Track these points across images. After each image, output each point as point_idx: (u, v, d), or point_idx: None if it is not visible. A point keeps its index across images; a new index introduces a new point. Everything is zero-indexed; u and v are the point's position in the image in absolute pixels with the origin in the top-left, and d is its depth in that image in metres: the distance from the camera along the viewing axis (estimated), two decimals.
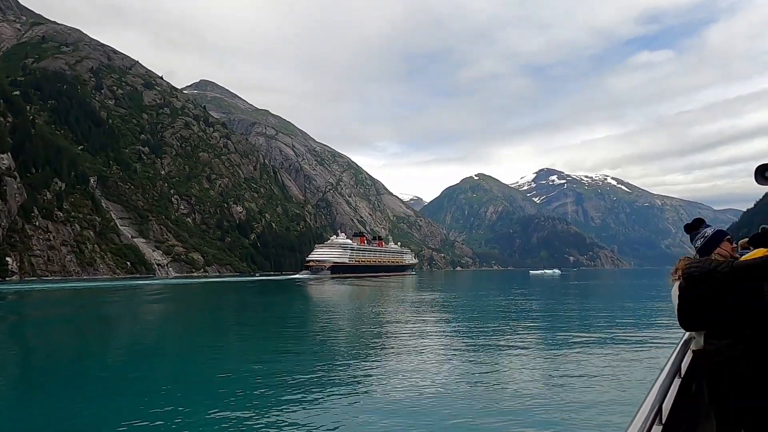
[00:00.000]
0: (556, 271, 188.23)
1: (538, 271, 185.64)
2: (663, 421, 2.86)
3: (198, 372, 18.23)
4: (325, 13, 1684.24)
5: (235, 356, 21.37)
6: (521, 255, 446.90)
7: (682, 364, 3.68)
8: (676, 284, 3.56)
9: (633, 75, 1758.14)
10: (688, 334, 3.91)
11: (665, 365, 3.45)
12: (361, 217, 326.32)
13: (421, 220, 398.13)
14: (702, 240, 3.85)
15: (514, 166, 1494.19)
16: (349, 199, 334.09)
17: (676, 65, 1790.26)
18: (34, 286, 75.89)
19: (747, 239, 4.16)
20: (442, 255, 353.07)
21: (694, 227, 3.99)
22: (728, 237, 3.88)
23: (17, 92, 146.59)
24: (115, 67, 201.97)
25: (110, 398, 14.49)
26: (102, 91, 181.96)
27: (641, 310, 39.99)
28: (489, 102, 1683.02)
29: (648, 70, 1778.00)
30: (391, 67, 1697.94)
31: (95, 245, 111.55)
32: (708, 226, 3.99)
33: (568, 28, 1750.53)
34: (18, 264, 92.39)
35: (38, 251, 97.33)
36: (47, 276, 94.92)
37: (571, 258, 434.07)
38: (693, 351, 3.80)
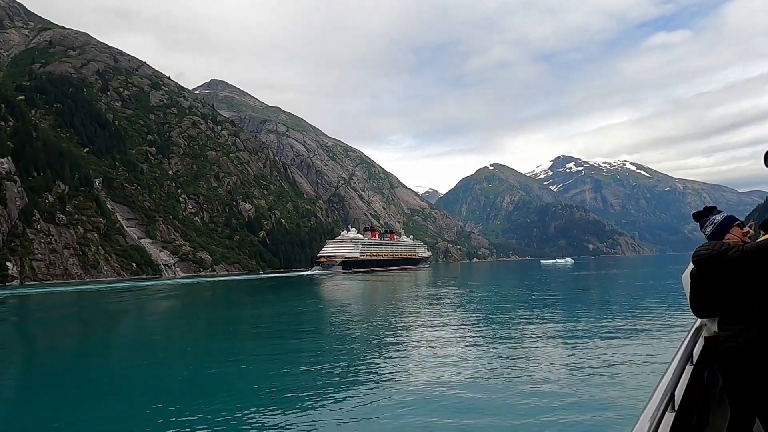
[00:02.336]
0: (569, 260, 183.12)
1: (550, 261, 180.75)
2: (675, 408, 2.85)
3: (211, 373, 17.76)
4: (332, 9, 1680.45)
5: (246, 360, 20.14)
6: (539, 244, 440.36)
7: (694, 351, 3.66)
8: (687, 271, 3.60)
9: (648, 58, 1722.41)
10: (699, 320, 3.95)
11: (677, 352, 3.41)
12: (375, 211, 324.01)
13: (436, 213, 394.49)
14: (712, 227, 3.88)
15: (529, 154, 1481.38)
16: (363, 193, 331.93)
17: (693, 45, 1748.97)
18: (33, 290, 74.86)
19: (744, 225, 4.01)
20: (458, 247, 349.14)
21: (703, 215, 4.02)
22: (738, 222, 3.88)
23: (22, 97, 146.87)
24: (122, 69, 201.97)
25: (111, 403, 14.20)
26: (108, 93, 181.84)
27: (656, 310, 36.54)
28: (501, 91, 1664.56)
29: (664, 52, 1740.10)
30: (401, 60, 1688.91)
31: (99, 247, 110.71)
32: (718, 212, 3.99)
33: (578, 12, 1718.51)
34: (18, 269, 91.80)
35: (39, 255, 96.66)
36: (49, 280, 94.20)
37: (591, 246, 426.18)
38: (705, 338, 3.80)
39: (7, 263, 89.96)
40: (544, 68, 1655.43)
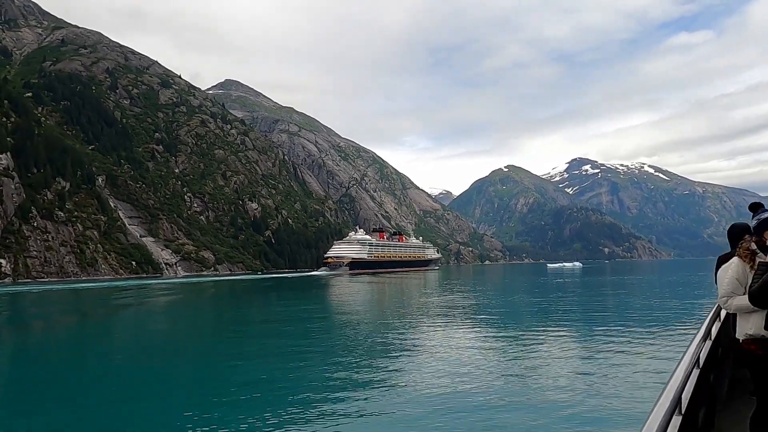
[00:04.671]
0: (577, 264, 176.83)
1: (557, 265, 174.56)
2: (682, 412, 2.86)
3: (215, 376, 17.53)
4: (346, 9, 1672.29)
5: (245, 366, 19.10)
6: (553, 247, 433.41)
7: (701, 355, 3.72)
8: (728, 266, 3.84)
9: (669, 58, 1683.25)
10: (716, 326, 4.23)
11: (684, 355, 3.44)
12: (386, 212, 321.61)
13: (448, 214, 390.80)
14: (756, 221, 4.14)
15: (545, 156, 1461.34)
16: (374, 194, 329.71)
17: (715, 46, 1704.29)
18: (19, 288, 73.41)
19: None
20: (470, 249, 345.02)
21: (760, 207, 4.30)
22: None
23: (29, 94, 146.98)
24: (132, 67, 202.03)
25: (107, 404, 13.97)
26: (117, 91, 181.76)
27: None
28: (517, 92, 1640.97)
29: (685, 53, 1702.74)
30: (415, 60, 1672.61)
31: (98, 245, 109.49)
32: None
33: (596, 11, 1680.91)
34: (12, 266, 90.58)
35: (35, 252, 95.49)
36: (43, 278, 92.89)
37: (606, 249, 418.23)
38: (742, 340, 3.83)
39: (1, 260, 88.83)
40: (560, 68, 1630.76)
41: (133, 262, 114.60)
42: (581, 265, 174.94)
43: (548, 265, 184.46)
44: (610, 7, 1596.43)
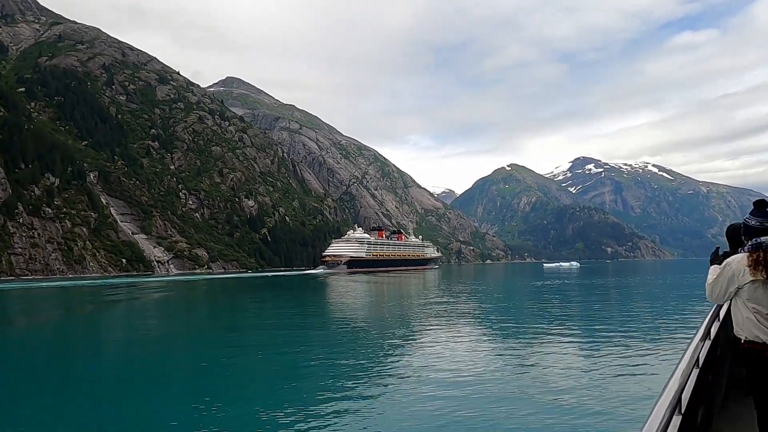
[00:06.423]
0: (574, 263, 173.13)
1: (553, 264, 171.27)
2: (682, 412, 2.87)
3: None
4: (349, 7, 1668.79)
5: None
6: (556, 246, 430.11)
7: (700, 354, 3.75)
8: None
9: (672, 58, 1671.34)
10: (714, 325, 4.39)
11: (684, 355, 3.45)
12: (387, 210, 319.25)
13: (450, 213, 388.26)
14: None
15: (547, 155, 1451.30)
16: (375, 192, 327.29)
17: (719, 45, 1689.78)
18: (1, 285, 71.42)
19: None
20: (472, 248, 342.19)
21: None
22: None
23: (22, 89, 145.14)
24: (129, 63, 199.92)
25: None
26: (113, 87, 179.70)
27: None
28: (519, 91, 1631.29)
29: (688, 52, 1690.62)
30: (418, 59, 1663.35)
31: (87, 242, 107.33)
32: None
33: (599, 11, 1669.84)
34: None
35: (20, 249, 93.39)
36: (27, 275, 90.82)
37: (609, 249, 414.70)
38: (745, 341, 3.83)
39: None
40: (563, 68, 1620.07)
41: (124, 260, 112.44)
42: (579, 264, 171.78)
43: (544, 264, 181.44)
44: (613, 7, 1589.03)
